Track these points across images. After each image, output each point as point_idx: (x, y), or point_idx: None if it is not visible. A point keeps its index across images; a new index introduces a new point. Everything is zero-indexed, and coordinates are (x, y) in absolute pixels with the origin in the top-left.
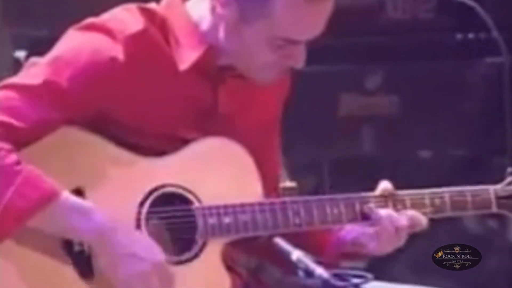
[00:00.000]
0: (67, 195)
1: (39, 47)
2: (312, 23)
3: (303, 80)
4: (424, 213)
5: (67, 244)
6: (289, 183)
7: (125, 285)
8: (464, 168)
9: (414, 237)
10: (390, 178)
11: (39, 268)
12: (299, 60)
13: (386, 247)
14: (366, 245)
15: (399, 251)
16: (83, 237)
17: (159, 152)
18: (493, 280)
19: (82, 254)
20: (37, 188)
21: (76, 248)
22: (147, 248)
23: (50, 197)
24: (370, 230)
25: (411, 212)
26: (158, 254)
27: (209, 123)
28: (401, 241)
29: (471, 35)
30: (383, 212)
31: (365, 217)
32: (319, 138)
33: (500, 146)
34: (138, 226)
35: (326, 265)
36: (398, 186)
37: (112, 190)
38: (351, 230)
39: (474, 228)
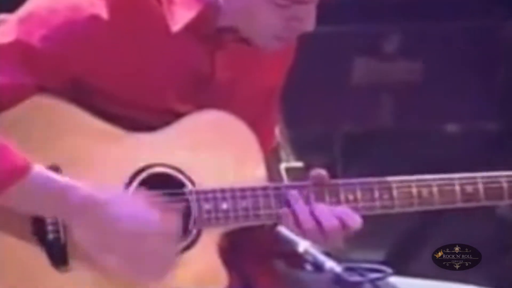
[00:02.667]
0: (41, 169)
1: (9, 3)
2: None
3: (311, 42)
4: (455, 202)
5: (40, 231)
6: (294, 163)
7: (126, 263)
8: (498, 144)
9: (440, 226)
10: (411, 157)
11: (7, 258)
12: (307, 23)
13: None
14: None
15: (423, 242)
16: (62, 215)
17: (147, 127)
18: None
19: (57, 242)
20: (8, 162)
21: (50, 236)
22: (148, 215)
23: (22, 170)
24: None
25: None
26: (170, 223)
27: (205, 93)
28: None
29: None
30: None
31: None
32: (329, 109)
33: None
34: None
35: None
36: (421, 165)
37: (92, 170)
38: None
39: (509, 215)
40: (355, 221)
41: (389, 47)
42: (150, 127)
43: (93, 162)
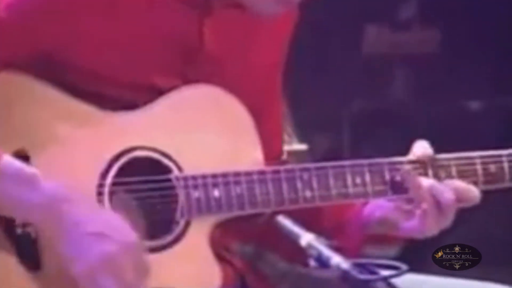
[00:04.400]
0: (8, 160)
1: None
2: None
3: (316, 9)
4: (475, 183)
5: (8, 226)
6: (297, 145)
7: (85, 275)
8: None
9: (462, 216)
10: (429, 137)
11: None
12: None
13: (426, 228)
14: (400, 225)
15: (442, 234)
16: (28, 214)
17: (128, 105)
18: None
19: (27, 238)
20: None
21: (19, 230)
22: (114, 225)
23: None
24: (404, 206)
25: (459, 183)
26: (129, 233)
27: (192, 67)
28: (446, 221)
29: None
30: (422, 182)
31: (398, 189)
32: (336, 85)
33: None
34: (99, 202)
35: (345, 252)
36: (440, 147)
37: (65, 154)
38: (379, 206)
39: None
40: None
41: (403, 14)
42: (130, 106)
43: (66, 146)
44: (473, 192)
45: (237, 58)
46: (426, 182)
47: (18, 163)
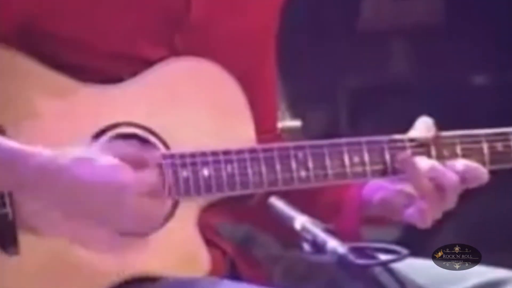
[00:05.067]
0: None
1: None
2: None
3: None
4: (481, 163)
5: None
6: (290, 122)
7: (104, 225)
8: None
9: (466, 195)
10: (431, 114)
11: None
12: None
13: (429, 212)
14: (401, 208)
15: (445, 216)
16: (13, 188)
17: (111, 78)
18: None
19: (3, 220)
20: None
21: None
22: (112, 168)
23: None
24: (406, 187)
25: (464, 162)
26: (129, 173)
27: (179, 36)
28: (450, 203)
29: None
30: (424, 162)
31: (398, 170)
32: (332, 58)
33: None
34: None
35: (342, 235)
36: (443, 124)
37: (43, 130)
38: (380, 187)
39: None
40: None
41: None
42: (114, 78)
43: (45, 121)
44: (481, 171)
45: (226, 23)
46: (426, 163)
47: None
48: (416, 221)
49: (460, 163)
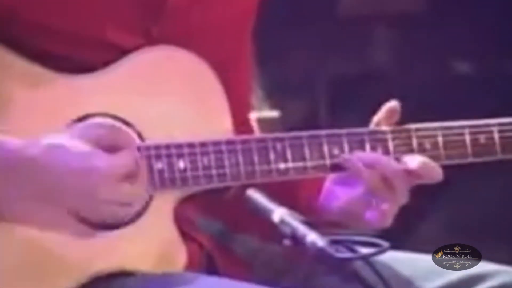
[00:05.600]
0: None
1: None
2: None
3: None
4: (464, 155)
5: None
6: (268, 112)
7: (78, 211)
8: None
9: (448, 188)
10: (413, 104)
11: None
12: None
13: (386, 214)
14: (360, 214)
15: (428, 207)
16: None
17: (85, 67)
18: None
19: None
20: None
21: None
22: (84, 154)
23: None
24: (358, 192)
25: (418, 157)
26: (103, 158)
27: (155, 23)
28: (401, 196)
29: None
30: (368, 155)
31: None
32: (312, 46)
33: None
34: None
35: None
36: (425, 115)
37: (14, 121)
38: (334, 197)
39: None
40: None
41: None
42: (88, 68)
43: (17, 112)
44: (433, 167)
45: (203, 12)
46: (370, 156)
47: None
48: (376, 223)
49: (415, 160)
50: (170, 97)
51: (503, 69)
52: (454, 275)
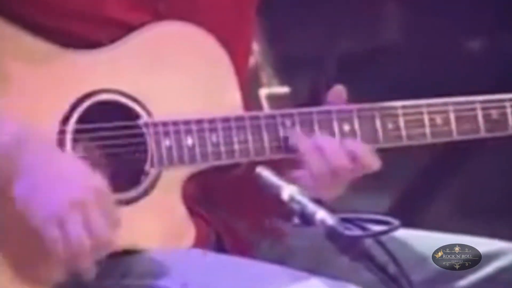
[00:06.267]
0: None
1: None
2: None
3: None
4: (476, 131)
5: None
6: (278, 88)
7: (48, 222)
8: None
9: (459, 165)
10: (425, 80)
11: None
12: None
13: (317, 184)
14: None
15: (438, 186)
16: None
17: (91, 43)
18: None
19: None
20: None
21: None
22: (81, 170)
23: None
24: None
25: (358, 143)
26: (96, 179)
27: (163, 0)
28: (335, 188)
29: None
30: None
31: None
32: (321, 22)
33: None
34: None
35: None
36: (434, 88)
37: (21, 97)
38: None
39: None
40: (367, 153)
41: None
42: (94, 44)
43: (23, 88)
44: (370, 155)
45: None
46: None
47: None
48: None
49: (353, 142)
50: (178, 72)
51: None
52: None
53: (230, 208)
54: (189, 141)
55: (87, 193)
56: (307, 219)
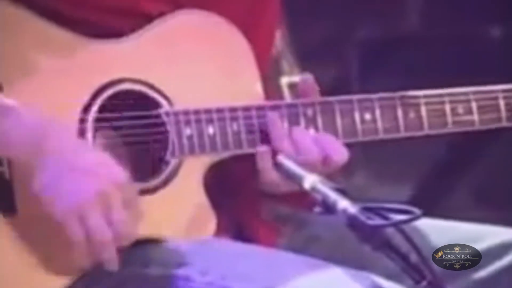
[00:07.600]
0: None
1: None
2: None
3: None
4: (498, 120)
5: None
6: (298, 77)
7: (69, 215)
8: None
9: (481, 154)
10: (446, 68)
11: None
12: None
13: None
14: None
15: (460, 175)
16: (5, 147)
17: (113, 33)
18: None
19: (0, 178)
20: None
21: None
22: (102, 162)
23: None
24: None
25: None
26: (118, 170)
27: None
28: (307, 155)
29: None
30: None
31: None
32: (342, 9)
33: None
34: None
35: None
36: (457, 77)
37: (42, 86)
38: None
39: None
40: (340, 153)
41: None
42: (116, 33)
43: (44, 77)
44: (341, 148)
45: None
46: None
47: None
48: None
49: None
50: (199, 61)
51: None
52: (485, 243)
53: (252, 197)
54: (210, 130)
55: (110, 185)
56: (329, 208)
